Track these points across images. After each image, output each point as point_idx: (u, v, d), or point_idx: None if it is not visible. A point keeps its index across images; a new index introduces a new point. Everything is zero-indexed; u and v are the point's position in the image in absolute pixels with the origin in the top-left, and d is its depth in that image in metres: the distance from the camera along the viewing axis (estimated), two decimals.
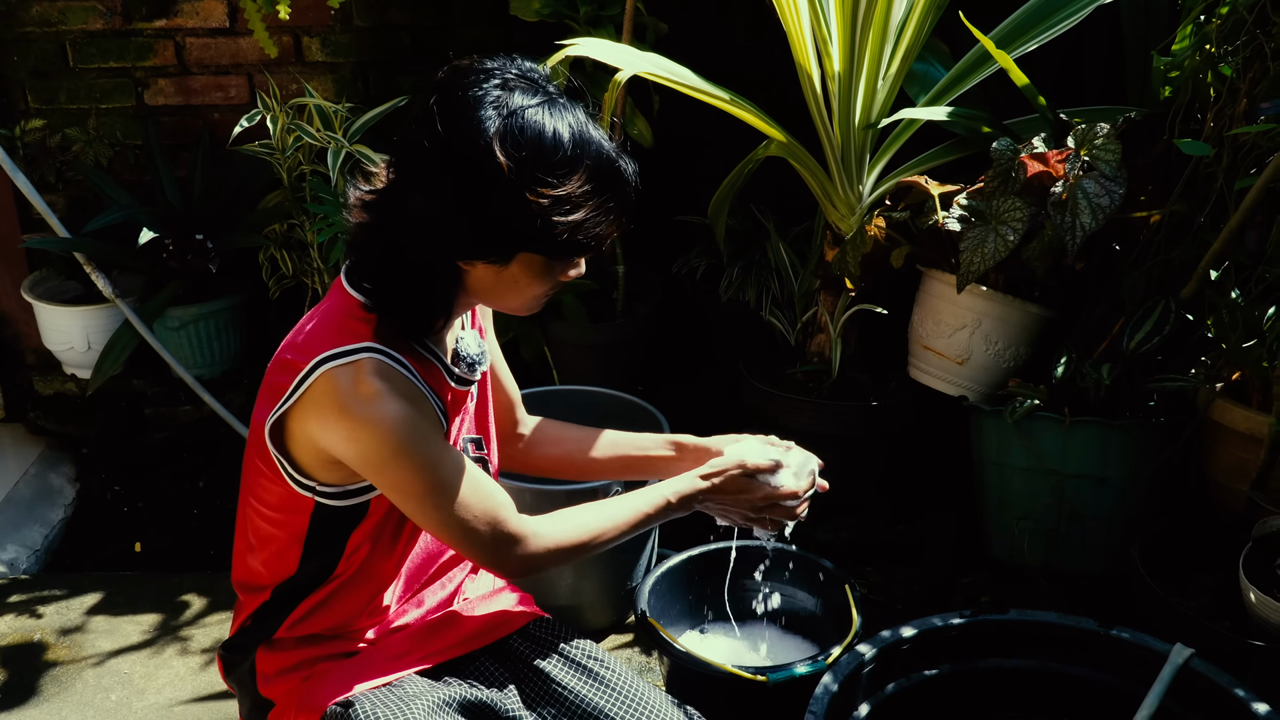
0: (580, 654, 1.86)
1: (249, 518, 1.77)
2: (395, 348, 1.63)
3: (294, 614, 1.77)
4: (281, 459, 1.66)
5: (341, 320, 1.64)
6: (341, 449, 1.60)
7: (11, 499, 3.35)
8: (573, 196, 1.53)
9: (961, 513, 2.89)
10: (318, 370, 1.59)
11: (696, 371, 3.50)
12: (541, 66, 1.63)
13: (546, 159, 1.52)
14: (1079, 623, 2.12)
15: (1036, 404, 2.52)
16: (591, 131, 1.57)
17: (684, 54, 2.97)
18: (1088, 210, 2.38)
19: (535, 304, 1.69)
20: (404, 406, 1.58)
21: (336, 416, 1.58)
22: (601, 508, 1.81)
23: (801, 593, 2.45)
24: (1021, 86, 2.62)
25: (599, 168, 1.56)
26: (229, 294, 3.40)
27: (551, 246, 1.56)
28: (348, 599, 1.77)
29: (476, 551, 1.68)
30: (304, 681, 1.75)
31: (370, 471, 1.61)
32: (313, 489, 1.67)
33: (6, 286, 3.61)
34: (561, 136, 1.53)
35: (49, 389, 3.69)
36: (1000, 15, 2.77)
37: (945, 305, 2.67)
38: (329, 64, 3.40)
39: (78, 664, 2.72)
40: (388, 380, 1.59)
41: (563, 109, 1.56)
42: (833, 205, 2.82)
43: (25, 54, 3.42)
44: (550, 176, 1.52)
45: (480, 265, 1.60)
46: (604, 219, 1.58)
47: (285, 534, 1.72)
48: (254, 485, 1.74)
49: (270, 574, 1.76)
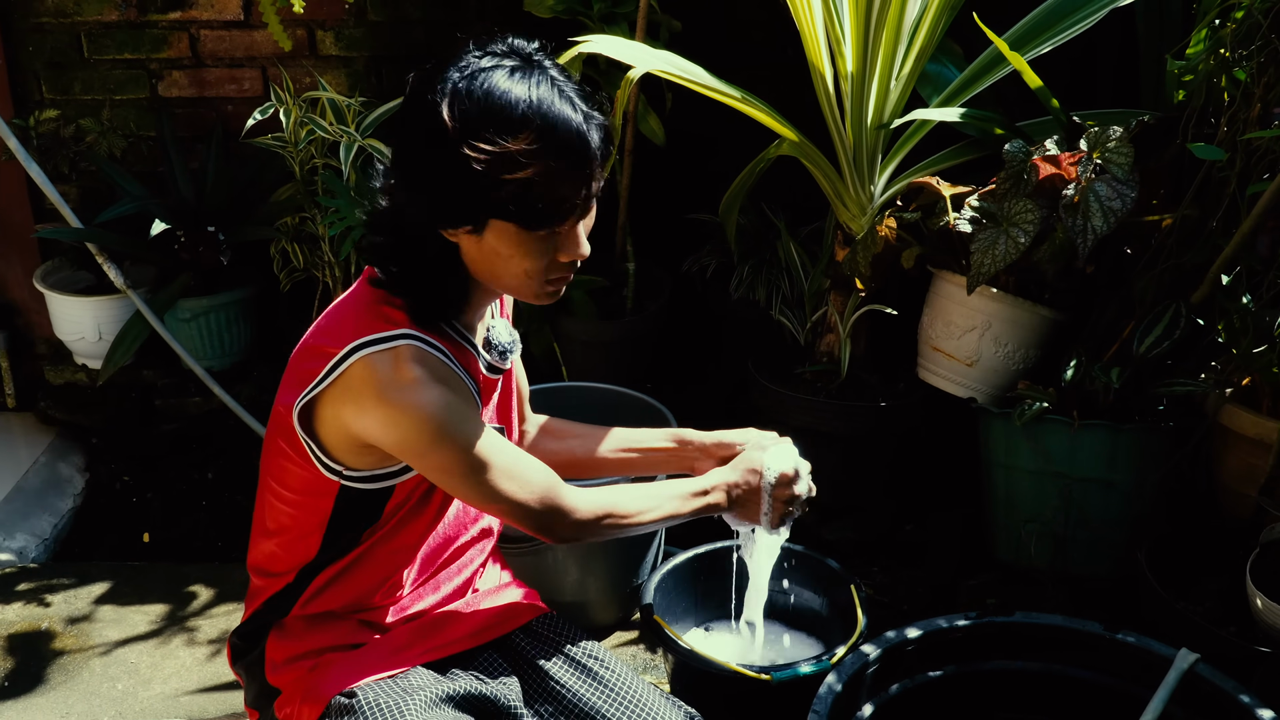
0: (581, 653, 1.86)
1: (269, 502, 1.77)
2: (430, 333, 1.64)
3: (308, 591, 1.78)
4: (310, 442, 1.67)
5: (374, 307, 1.65)
6: (379, 435, 1.60)
7: (21, 488, 3.36)
8: (515, 156, 1.51)
9: (968, 514, 2.89)
10: (353, 356, 1.60)
11: (706, 370, 3.50)
12: (535, 42, 1.61)
13: (493, 117, 1.51)
14: (1084, 625, 2.12)
15: (1045, 406, 2.52)
16: (555, 97, 1.53)
17: (697, 52, 2.97)
18: (1099, 213, 2.37)
19: (534, 284, 1.64)
20: (442, 392, 1.60)
21: (374, 403, 1.59)
22: (649, 488, 1.83)
23: (807, 592, 2.45)
24: (1035, 89, 2.61)
25: (553, 131, 1.52)
26: (240, 286, 3.41)
27: (508, 208, 1.54)
28: (363, 576, 1.78)
29: (526, 520, 1.70)
30: (310, 671, 1.76)
31: (411, 457, 1.62)
32: (339, 472, 1.68)
33: (19, 276, 3.62)
34: (517, 97, 1.52)
35: (60, 379, 3.70)
36: (1014, 17, 2.77)
37: (955, 307, 2.67)
38: (343, 58, 3.40)
39: (85, 653, 2.73)
40: (426, 366, 1.60)
41: (534, 75, 1.54)
42: (844, 205, 2.82)
43: (41, 45, 3.43)
44: (494, 133, 1.51)
45: (463, 236, 1.60)
46: (556, 184, 1.53)
47: (307, 517, 1.73)
48: (275, 469, 1.74)
49: (289, 557, 1.77)
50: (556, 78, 1.56)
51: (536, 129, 1.51)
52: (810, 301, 3.04)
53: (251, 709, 1.86)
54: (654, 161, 3.35)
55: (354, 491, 1.70)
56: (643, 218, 3.36)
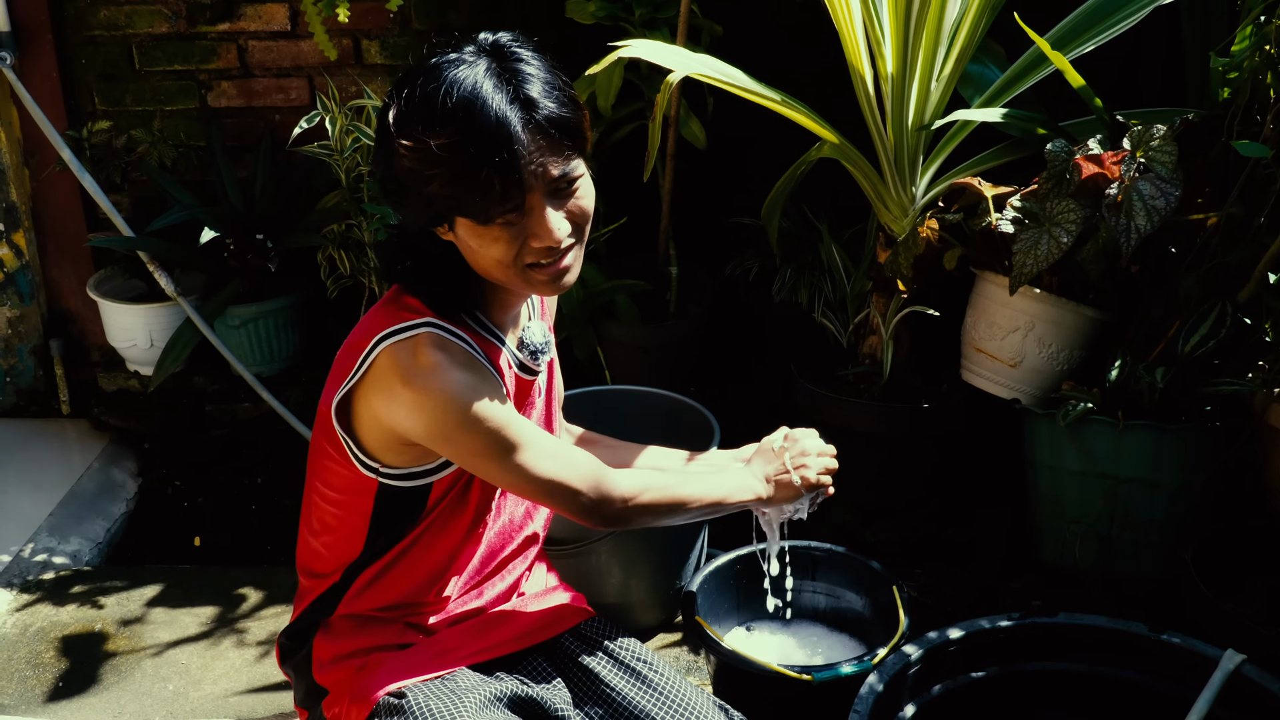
0: (629, 655, 1.87)
1: (314, 503, 1.81)
2: (453, 322, 1.67)
3: (352, 589, 1.80)
4: (348, 440, 1.70)
5: (399, 299, 1.70)
6: (408, 423, 1.63)
7: (75, 493, 3.42)
8: (435, 150, 1.52)
9: (1013, 516, 2.87)
10: (379, 347, 1.64)
11: (749, 372, 3.50)
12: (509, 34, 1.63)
13: (424, 113, 1.54)
14: (1129, 626, 2.11)
15: (1090, 407, 2.51)
16: (488, 87, 1.53)
17: (738, 56, 2.98)
18: (1143, 212, 2.36)
19: (514, 272, 1.64)
20: (465, 375, 1.62)
21: (400, 389, 1.62)
22: (694, 476, 1.87)
23: (849, 593, 2.45)
24: (1077, 88, 2.60)
25: (473, 121, 1.52)
26: (288, 293, 3.46)
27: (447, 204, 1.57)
28: (405, 577, 1.80)
29: (569, 501, 1.72)
30: (358, 671, 1.78)
31: (439, 443, 1.64)
32: (377, 470, 1.71)
33: (73, 285, 3.69)
34: (448, 90, 1.53)
35: (113, 385, 3.77)
36: (1057, 16, 2.76)
37: (998, 307, 2.66)
38: (388, 66, 3.44)
39: (137, 654, 2.78)
40: (446, 351, 1.63)
41: (481, 66, 1.55)
42: (885, 207, 2.82)
43: (93, 57, 3.50)
44: (421, 130, 1.53)
45: (446, 231, 1.64)
46: (481, 174, 1.53)
47: (351, 516, 1.76)
48: (320, 469, 1.78)
49: (334, 557, 1.80)
50: (510, 67, 1.56)
51: (459, 121, 1.52)
52: (852, 304, 3.04)
53: (301, 708, 1.88)
54: (697, 165, 3.36)
55: (392, 489, 1.72)
56: (686, 221, 3.38)
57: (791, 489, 1.91)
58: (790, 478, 1.91)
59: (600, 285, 3.23)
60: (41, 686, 2.69)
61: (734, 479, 1.89)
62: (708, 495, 1.84)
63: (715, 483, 1.86)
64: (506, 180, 1.55)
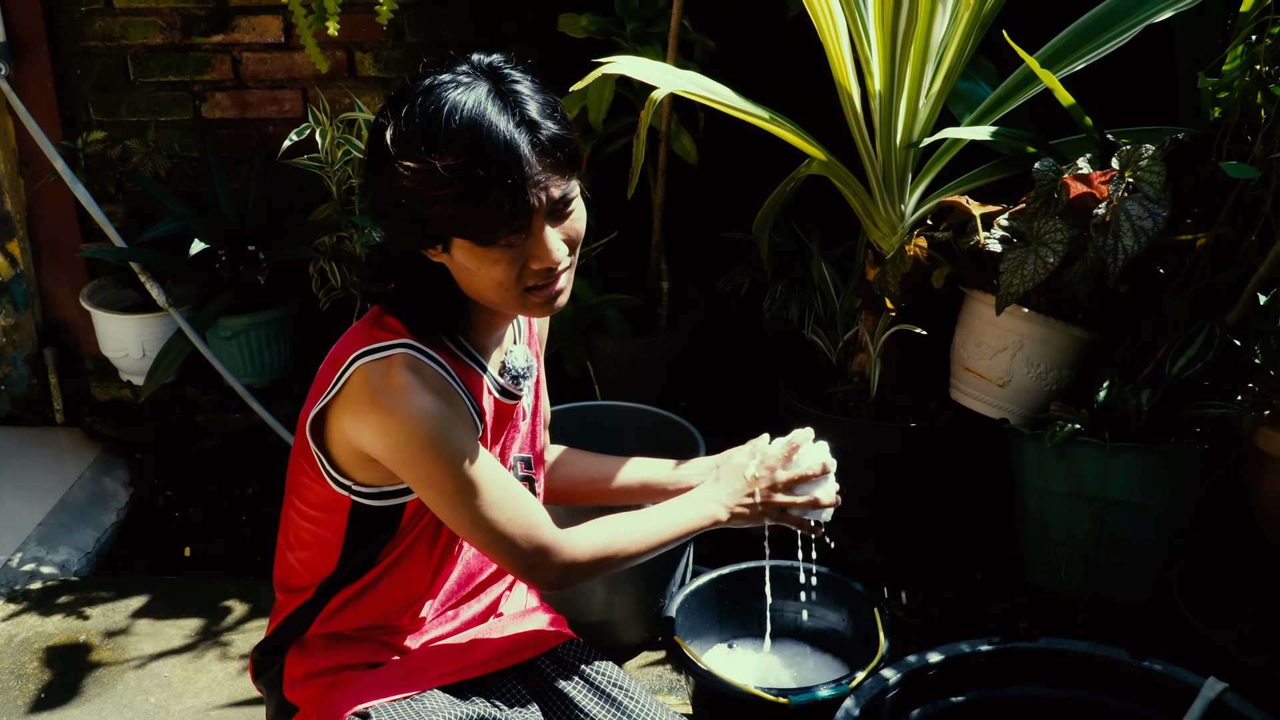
0: (605, 680, 1.86)
1: (291, 518, 1.80)
2: (431, 346, 1.66)
3: (326, 609, 1.79)
4: (321, 456, 1.70)
5: (379, 318, 1.69)
6: (373, 443, 1.62)
7: (66, 502, 3.42)
8: (440, 172, 1.52)
9: (1001, 536, 2.86)
10: (354, 365, 1.63)
11: (740, 388, 3.49)
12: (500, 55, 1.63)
13: (427, 134, 1.53)
14: (1110, 652, 2.09)
15: (1077, 428, 2.49)
16: (491, 108, 1.53)
17: (730, 71, 2.97)
18: (1130, 233, 2.34)
19: (512, 294, 1.63)
20: (434, 401, 1.61)
21: (368, 409, 1.61)
22: (642, 518, 1.82)
23: (832, 613, 2.44)
24: (1067, 106, 2.59)
25: (480, 143, 1.52)
26: (280, 305, 3.46)
27: (449, 226, 1.56)
28: (380, 600, 1.79)
29: (510, 558, 1.70)
30: (327, 689, 1.77)
31: (400, 466, 1.63)
32: (349, 488, 1.70)
33: (67, 294, 3.69)
34: (451, 112, 1.52)
35: (105, 395, 3.77)
36: (1049, 33, 2.74)
37: (986, 327, 2.65)
38: (381, 79, 3.44)
39: (120, 666, 2.77)
40: (419, 374, 1.61)
41: (479, 88, 1.54)
42: (874, 224, 2.81)
43: (88, 68, 3.50)
44: (425, 151, 1.52)
45: (439, 255, 1.63)
46: (488, 196, 1.53)
47: (326, 534, 1.75)
48: (297, 485, 1.77)
49: (309, 573, 1.79)
50: (507, 89, 1.56)
51: (466, 142, 1.52)
52: (842, 321, 3.03)
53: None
54: (687, 180, 3.35)
55: (365, 508, 1.72)
56: (678, 236, 3.37)
57: (754, 515, 1.89)
58: (751, 503, 1.88)
59: (591, 300, 3.22)
60: (24, 698, 2.68)
61: (690, 509, 1.86)
62: (664, 533, 1.81)
63: (672, 519, 1.83)
64: (515, 202, 1.54)
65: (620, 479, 2.03)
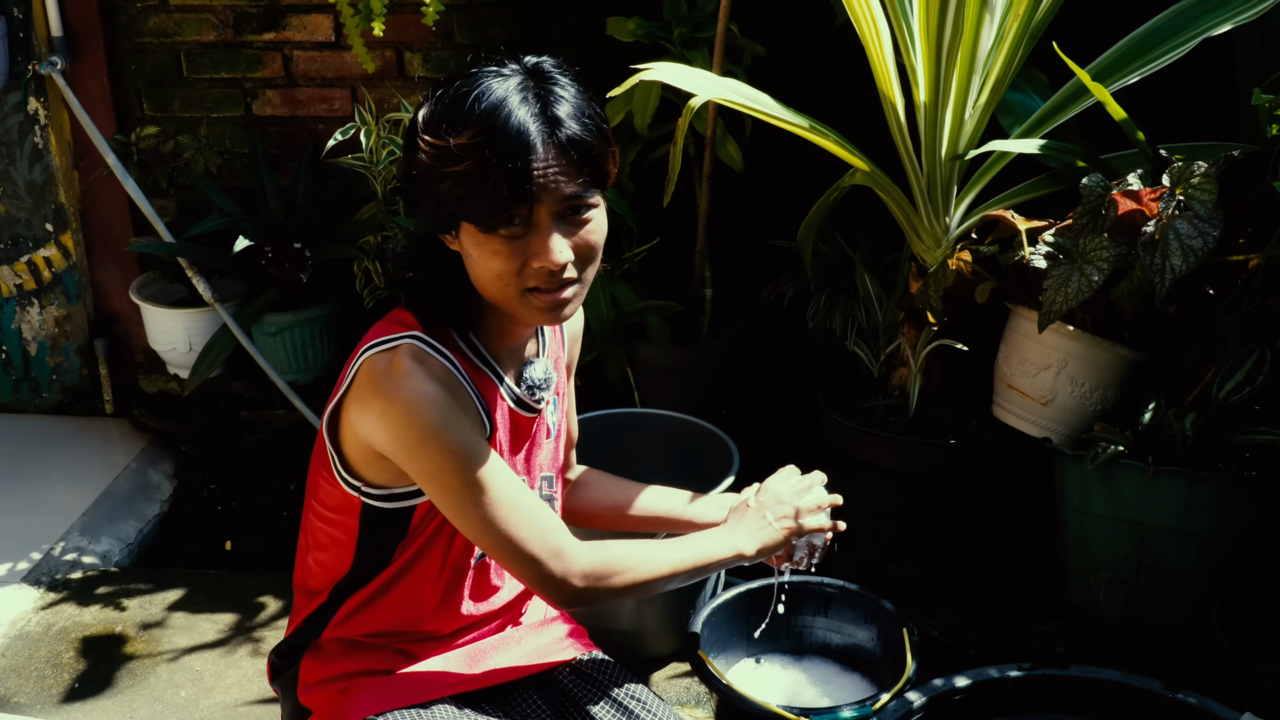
0: (625, 695, 1.84)
1: (310, 520, 1.80)
2: (442, 342, 1.66)
3: (339, 613, 1.79)
4: (334, 455, 1.70)
5: (394, 313, 1.71)
6: (377, 433, 1.61)
7: (110, 492, 3.46)
8: (454, 149, 1.54)
9: (1041, 557, 2.80)
10: (362, 357, 1.64)
11: (781, 398, 3.45)
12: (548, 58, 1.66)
13: (450, 114, 1.56)
14: (1143, 683, 2.05)
15: (1120, 450, 2.43)
16: (515, 98, 1.55)
17: (778, 79, 2.94)
18: (1179, 252, 2.28)
19: (510, 290, 1.63)
20: (436, 389, 1.60)
21: (371, 396, 1.61)
22: (667, 544, 1.78)
23: (861, 631, 2.40)
24: (1119, 120, 2.53)
25: (495, 127, 1.53)
26: (324, 303, 3.47)
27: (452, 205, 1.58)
28: (392, 606, 1.78)
29: (521, 565, 1.66)
30: (340, 694, 1.77)
31: (405, 456, 1.61)
32: (359, 489, 1.69)
33: (119, 286, 3.73)
34: (477, 96, 1.55)
35: (153, 387, 3.81)
36: (1105, 45, 2.68)
37: (1031, 344, 2.60)
38: (430, 79, 3.44)
39: (153, 659, 2.80)
40: (422, 363, 1.61)
41: (512, 79, 1.58)
42: (918, 237, 2.76)
43: (143, 64, 3.54)
44: (445, 129, 1.55)
45: (451, 241, 1.64)
46: (492, 180, 1.54)
47: (340, 535, 1.75)
48: (315, 486, 1.77)
49: (325, 574, 1.79)
50: (543, 87, 1.58)
51: (483, 124, 1.54)
52: (884, 333, 2.98)
53: None
54: (733, 187, 3.32)
55: (376, 510, 1.71)
56: (722, 243, 3.34)
57: (775, 540, 1.85)
58: (771, 531, 1.85)
59: (632, 305, 3.20)
60: (58, 687, 2.71)
61: (714, 541, 1.82)
62: (686, 563, 1.76)
63: (696, 549, 1.79)
64: (515, 188, 1.55)
65: (640, 505, 2.00)
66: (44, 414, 3.88)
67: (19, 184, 3.64)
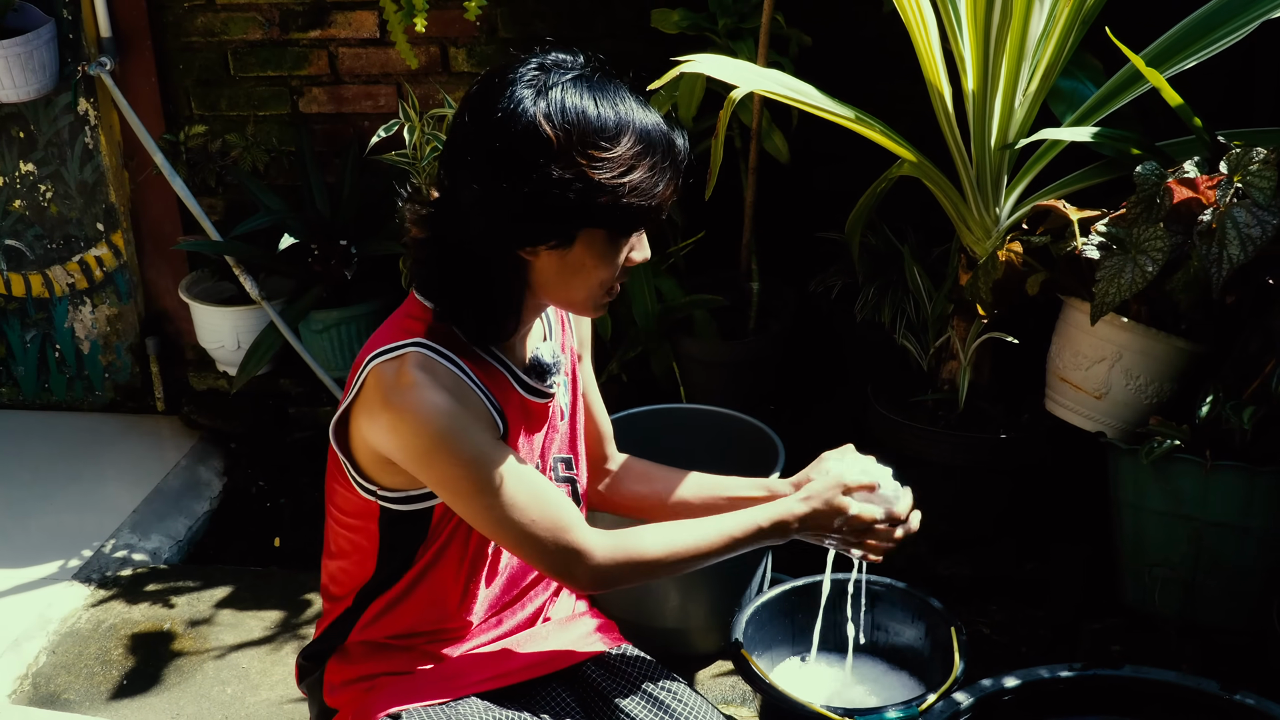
0: (657, 688, 1.82)
1: (330, 526, 1.80)
2: (448, 346, 1.64)
3: (365, 616, 1.78)
4: (346, 461, 1.69)
5: (399, 320, 1.68)
6: (388, 444, 1.61)
7: (161, 490, 3.49)
8: (624, 158, 1.56)
9: (1095, 555, 2.74)
10: (368, 367, 1.62)
11: (828, 392, 3.40)
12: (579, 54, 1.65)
13: (592, 126, 1.55)
14: (1199, 684, 1.99)
15: (1176, 444, 2.37)
16: (633, 104, 1.60)
17: (825, 69, 2.90)
18: (1236, 241, 2.22)
19: (600, 296, 1.67)
20: (445, 398, 1.59)
21: (380, 409, 1.60)
22: (683, 526, 1.75)
23: (909, 629, 2.35)
24: (1175, 107, 2.47)
25: (647, 134, 1.59)
26: (370, 299, 3.47)
27: (613, 214, 1.57)
28: (416, 606, 1.77)
29: (538, 558, 1.66)
30: (366, 693, 1.76)
31: (416, 466, 1.61)
32: (374, 493, 1.69)
33: (169, 285, 3.76)
34: (601, 105, 1.57)
35: (203, 384, 3.83)
36: (1160, 29, 2.62)
37: (1084, 336, 2.54)
38: (475, 74, 3.42)
39: (200, 655, 2.81)
40: (430, 373, 1.60)
41: (595, 85, 1.59)
42: (967, 228, 2.71)
43: (190, 63, 3.56)
44: (599, 139, 1.55)
45: (544, 253, 1.61)
46: (658, 180, 1.60)
47: (361, 541, 1.74)
48: (332, 493, 1.77)
49: (349, 580, 1.78)
50: (620, 85, 1.62)
51: (636, 133, 1.57)
52: (933, 326, 2.93)
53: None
54: (780, 179, 3.28)
55: (394, 514, 1.70)
56: (769, 236, 3.30)
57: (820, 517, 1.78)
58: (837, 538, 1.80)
59: (678, 300, 3.17)
60: (107, 684, 2.73)
61: (746, 516, 1.76)
62: (711, 540, 1.73)
63: (722, 524, 1.74)
64: (674, 188, 1.63)
65: (686, 491, 1.97)
66: (96, 412, 3.91)
67: (70, 184, 3.68)
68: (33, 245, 3.76)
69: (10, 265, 3.79)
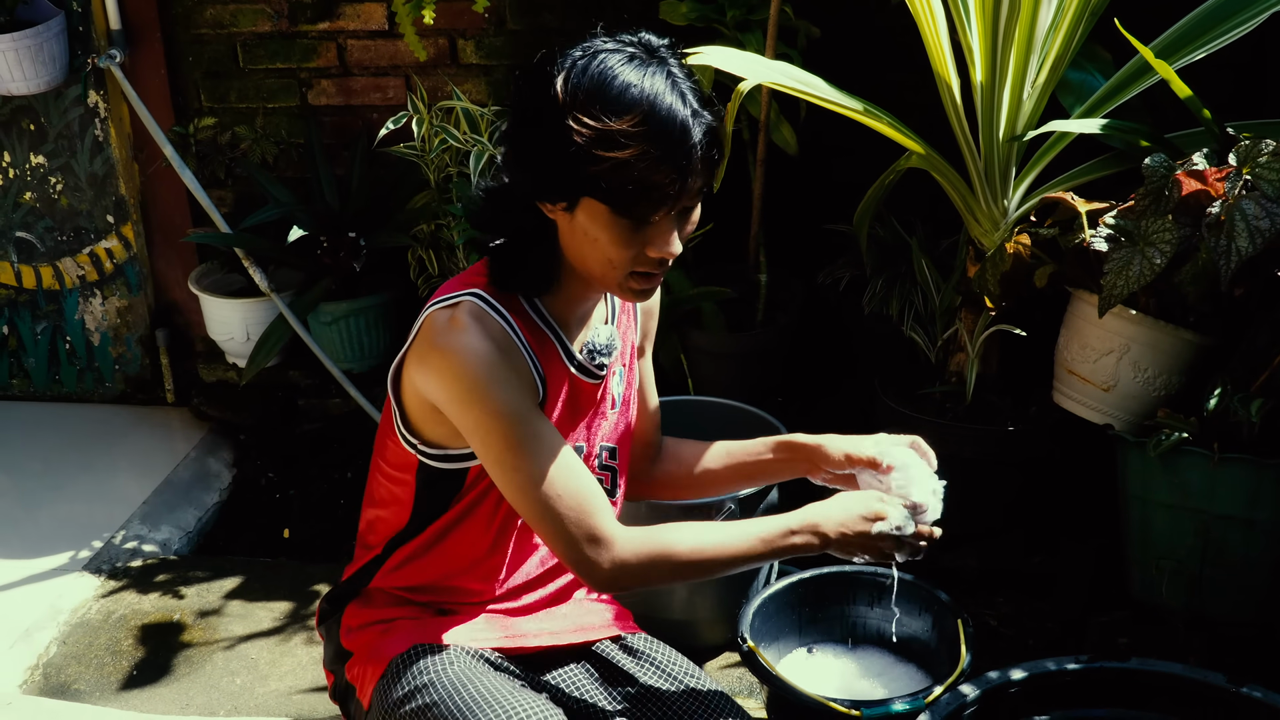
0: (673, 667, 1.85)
1: (374, 478, 1.85)
2: (504, 304, 1.67)
3: (389, 563, 1.82)
4: (397, 410, 1.74)
5: (464, 276, 1.73)
6: (431, 387, 1.65)
7: (171, 481, 3.50)
8: (617, 135, 1.53)
9: (1103, 547, 2.74)
10: (425, 313, 1.68)
11: (836, 384, 3.41)
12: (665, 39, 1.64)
13: (602, 95, 1.54)
14: (1206, 676, 1.99)
15: (1184, 437, 2.37)
16: (666, 89, 1.56)
17: (836, 59, 2.90)
18: (1245, 233, 2.21)
19: (617, 274, 1.64)
20: (489, 346, 1.62)
21: (429, 351, 1.65)
22: (711, 529, 1.73)
23: (916, 621, 2.36)
24: (1184, 98, 2.46)
25: (658, 118, 1.54)
26: (379, 291, 3.48)
27: (598, 186, 1.56)
28: (438, 560, 1.80)
29: (557, 540, 1.66)
30: (381, 634, 1.79)
31: (453, 411, 1.64)
32: (416, 446, 1.73)
33: (178, 277, 3.77)
34: (628, 81, 1.55)
35: (212, 376, 3.84)
36: (1170, 20, 2.61)
37: (1092, 328, 2.53)
38: (483, 66, 3.44)
39: (210, 646, 2.82)
40: (479, 321, 1.64)
41: (652, 66, 1.57)
42: (975, 220, 2.71)
43: (199, 55, 3.57)
44: (600, 110, 1.54)
45: (559, 213, 1.63)
46: (652, 170, 1.55)
47: (400, 493, 1.79)
48: (383, 446, 1.82)
49: (385, 529, 1.83)
50: (675, 73, 1.59)
51: (643, 114, 1.54)
52: (941, 319, 2.93)
53: (328, 670, 1.91)
54: (788, 171, 3.28)
55: (432, 470, 1.74)
56: (777, 228, 3.30)
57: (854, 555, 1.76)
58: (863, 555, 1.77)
59: (686, 292, 3.17)
60: (117, 674, 2.75)
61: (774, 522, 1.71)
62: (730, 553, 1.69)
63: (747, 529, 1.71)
64: (674, 182, 1.57)
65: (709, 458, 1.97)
66: (107, 403, 3.93)
67: (80, 176, 3.69)
68: (43, 237, 3.77)
69: (21, 257, 3.80)
